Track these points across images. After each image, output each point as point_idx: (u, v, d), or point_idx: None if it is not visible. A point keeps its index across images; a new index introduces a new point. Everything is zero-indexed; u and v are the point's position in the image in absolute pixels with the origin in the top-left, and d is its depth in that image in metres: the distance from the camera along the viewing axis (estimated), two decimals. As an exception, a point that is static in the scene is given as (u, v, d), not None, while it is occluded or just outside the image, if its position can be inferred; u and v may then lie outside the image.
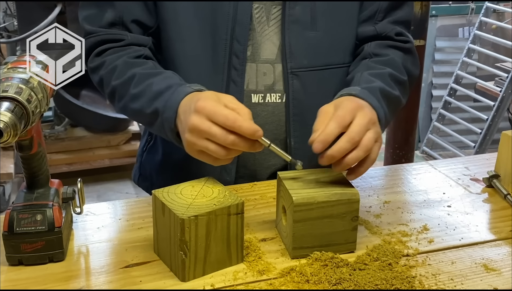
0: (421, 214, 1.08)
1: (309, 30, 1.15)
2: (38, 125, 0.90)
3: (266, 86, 1.17)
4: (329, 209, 0.91)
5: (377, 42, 1.21)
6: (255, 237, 0.98)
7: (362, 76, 1.11)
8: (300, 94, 1.17)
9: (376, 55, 1.19)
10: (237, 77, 1.14)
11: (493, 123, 3.94)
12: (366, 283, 0.84)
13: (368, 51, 1.20)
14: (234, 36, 1.13)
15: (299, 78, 1.16)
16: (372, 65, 1.16)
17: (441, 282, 0.88)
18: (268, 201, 1.11)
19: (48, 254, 0.90)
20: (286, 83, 1.16)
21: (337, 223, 0.92)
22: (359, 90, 1.03)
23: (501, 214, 1.10)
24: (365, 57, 1.20)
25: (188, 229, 0.83)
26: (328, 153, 0.90)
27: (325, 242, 0.92)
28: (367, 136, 0.92)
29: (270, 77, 1.17)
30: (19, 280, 0.86)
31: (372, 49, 1.20)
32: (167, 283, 0.86)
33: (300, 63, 1.16)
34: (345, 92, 1.03)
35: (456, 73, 4.26)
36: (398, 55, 1.20)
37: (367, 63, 1.17)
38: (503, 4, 4.26)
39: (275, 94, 1.18)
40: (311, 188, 0.92)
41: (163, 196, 0.89)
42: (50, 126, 3.81)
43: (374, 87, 1.07)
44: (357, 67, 1.18)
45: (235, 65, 1.14)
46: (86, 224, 1.02)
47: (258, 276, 0.88)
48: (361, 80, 1.10)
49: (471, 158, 1.47)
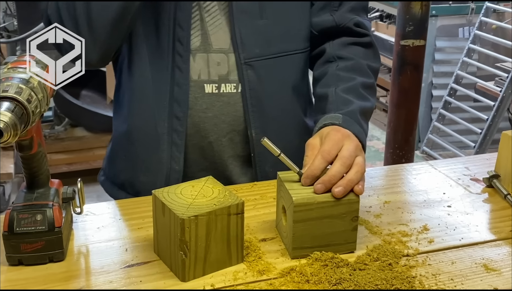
0: (421, 214, 1.08)
1: (258, 19, 1.15)
2: (38, 125, 0.90)
3: (221, 76, 1.16)
4: (329, 209, 0.91)
5: (337, 40, 1.22)
6: (255, 237, 0.98)
7: (337, 95, 1.13)
8: (256, 84, 1.16)
9: (340, 58, 1.20)
10: (182, 64, 1.14)
11: (493, 123, 3.94)
12: (366, 283, 0.84)
13: (331, 53, 1.21)
14: (177, 22, 1.12)
15: (253, 68, 1.16)
16: (340, 75, 1.17)
17: (441, 282, 0.88)
18: (268, 201, 1.11)
19: (48, 254, 0.89)
20: (241, 74, 1.16)
21: (337, 223, 0.92)
22: (341, 118, 1.05)
23: (501, 214, 1.10)
24: (329, 60, 1.21)
25: (188, 229, 0.83)
26: (324, 178, 0.92)
27: (325, 242, 0.92)
28: (358, 159, 0.96)
29: (224, 67, 1.16)
30: (19, 280, 0.86)
31: (335, 51, 1.21)
32: (167, 283, 0.86)
33: (253, 53, 1.15)
34: (328, 122, 1.05)
35: (456, 73, 4.26)
36: (360, 54, 1.21)
37: (335, 73, 1.18)
38: (503, 4, 4.26)
39: (230, 84, 1.17)
40: (311, 188, 0.92)
41: (163, 196, 0.89)
42: (50, 126, 3.81)
43: (354, 111, 1.09)
44: (326, 76, 1.18)
45: (179, 51, 1.13)
46: (86, 224, 1.02)
47: (258, 276, 0.88)
48: (338, 101, 1.11)
49: (471, 158, 1.47)
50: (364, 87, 1.16)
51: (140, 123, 1.19)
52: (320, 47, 1.23)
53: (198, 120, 1.17)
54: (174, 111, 1.15)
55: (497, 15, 4.32)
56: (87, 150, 3.72)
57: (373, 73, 1.21)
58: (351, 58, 1.20)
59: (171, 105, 1.15)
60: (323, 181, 0.92)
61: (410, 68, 2.87)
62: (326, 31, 1.22)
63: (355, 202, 0.92)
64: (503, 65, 3.98)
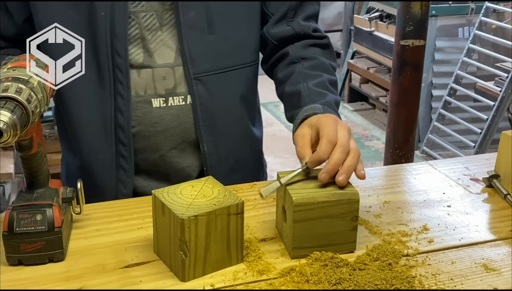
0: (421, 214, 1.08)
1: (207, 34, 1.14)
2: (38, 125, 0.90)
3: (167, 90, 1.16)
4: (329, 209, 0.91)
5: (298, 43, 1.24)
6: (255, 237, 0.98)
7: (309, 89, 1.14)
8: (207, 98, 1.16)
9: (304, 59, 1.22)
10: (122, 91, 1.13)
11: (493, 123, 3.94)
12: (366, 283, 0.84)
13: (294, 54, 1.23)
14: (114, 50, 1.11)
15: (203, 83, 1.15)
16: (307, 73, 1.19)
17: (441, 282, 0.88)
18: (268, 201, 1.11)
19: (48, 254, 0.89)
20: (190, 88, 1.15)
21: (337, 223, 0.92)
22: (321, 108, 1.07)
23: (501, 214, 1.10)
24: (293, 61, 1.22)
25: (188, 229, 0.83)
26: (328, 167, 0.93)
27: (325, 242, 0.92)
28: (353, 144, 0.97)
29: (171, 81, 1.16)
30: (19, 280, 0.86)
31: (298, 52, 1.23)
32: (167, 283, 0.86)
33: (202, 68, 1.15)
34: (310, 113, 1.06)
35: (456, 73, 4.26)
36: (320, 54, 1.24)
37: (302, 71, 1.19)
38: (503, 4, 4.26)
39: (177, 97, 1.16)
40: (311, 188, 0.92)
41: (163, 196, 0.89)
42: (50, 126, 3.81)
43: (330, 101, 1.12)
44: (294, 75, 1.20)
45: (119, 79, 1.12)
46: (86, 224, 1.02)
47: (258, 276, 0.88)
48: (312, 94, 1.13)
49: (471, 158, 1.47)
50: (331, 83, 1.19)
51: (87, 153, 1.18)
52: (281, 50, 1.25)
53: (148, 134, 1.16)
54: (119, 137, 1.14)
55: (497, 15, 4.32)
56: (87, 150, 3.72)
57: (334, 71, 1.25)
58: (314, 58, 1.22)
59: (116, 131, 1.14)
60: (327, 170, 0.92)
61: (410, 68, 2.87)
62: (286, 39, 1.23)
63: (355, 202, 0.92)
64: (503, 65, 3.98)
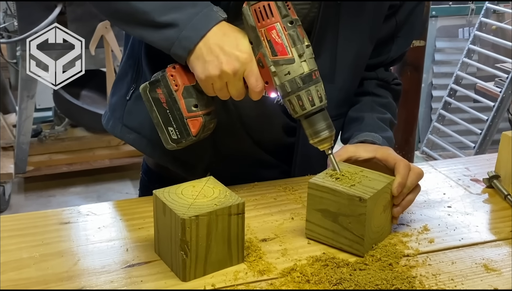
0: (421, 214, 1.08)
1: (327, 83, 1.11)
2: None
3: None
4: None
5: (377, 82, 1.28)
6: (255, 237, 0.98)
7: (373, 120, 1.19)
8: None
9: (375, 95, 1.26)
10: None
11: (493, 124, 3.94)
12: (367, 283, 0.85)
13: (368, 89, 1.26)
14: None
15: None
16: (375, 106, 1.24)
17: (441, 282, 0.88)
18: (268, 201, 1.11)
19: None
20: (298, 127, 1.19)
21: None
22: (381, 140, 1.12)
23: (501, 214, 1.10)
24: (365, 93, 1.26)
25: (189, 229, 0.83)
26: (404, 204, 1.00)
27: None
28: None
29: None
30: (19, 280, 0.86)
31: (373, 89, 1.27)
32: (168, 283, 0.86)
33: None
34: (369, 139, 1.11)
35: (456, 73, 4.26)
36: (391, 97, 1.29)
37: (370, 103, 1.23)
38: (503, 4, 4.26)
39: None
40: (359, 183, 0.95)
41: (164, 196, 0.89)
42: (50, 126, 3.81)
43: (390, 137, 1.17)
44: (361, 104, 1.24)
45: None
46: (87, 224, 1.02)
47: (259, 276, 0.88)
48: (375, 125, 1.18)
49: (471, 159, 1.48)
50: (391, 125, 1.23)
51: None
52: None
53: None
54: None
55: (497, 16, 4.32)
56: (87, 150, 3.72)
57: (396, 118, 1.28)
58: (386, 97, 1.27)
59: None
60: (403, 206, 1.00)
61: (410, 69, 2.87)
62: (366, 78, 1.28)
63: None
64: (503, 66, 3.98)
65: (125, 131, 1.21)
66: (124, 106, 1.21)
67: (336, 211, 0.93)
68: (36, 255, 0.92)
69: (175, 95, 1.00)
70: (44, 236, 0.97)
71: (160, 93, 1.00)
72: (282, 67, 0.94)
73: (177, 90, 1.00)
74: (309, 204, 0.97)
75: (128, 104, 1.20)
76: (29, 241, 0.96)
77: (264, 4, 0.93)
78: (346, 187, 0.93)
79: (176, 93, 1.00)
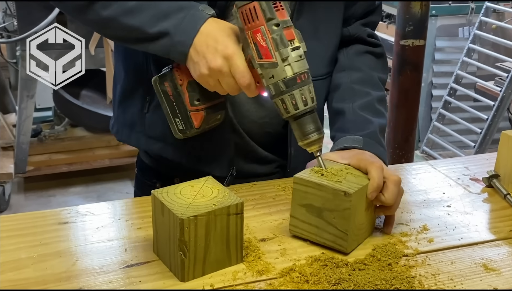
0: (420, 214, 1.08)
1: (312, 40, 1.13)
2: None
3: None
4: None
5: (351, 50, 1.25)
6: (254, 237, 0.98)
7: (354, 113, 1.15)
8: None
9: (352, 69, 1.22)
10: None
11: (493, 123, 3.94)
12: (366, 283, 0.84)
13: (344, 63, 1.24)
14: None
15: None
16: (356, 89, 1.19)
17: (440, 282, 0.88)
18: (267, 200, 1.11)
19: None
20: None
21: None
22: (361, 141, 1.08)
23: (500, 214, 1.10)
24: (344, 69, 1.23)
25: (188, 229, 0.83)
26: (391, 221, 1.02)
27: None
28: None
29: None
30: (19, 280, 0.86)
31: (348, 61, 1.24)
32: (167, 283, 0.86)
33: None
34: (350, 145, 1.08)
35: (456, 73, 4.26)
36: (372, 65, 1.25)
37: (350, 87, 1.20)
38: (503, 4, 4.26)
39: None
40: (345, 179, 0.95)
41: (162, 196, 0.89)
42: (50, 126, 3.81)
43: (374, 131, 1.12)
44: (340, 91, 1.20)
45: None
46: (86, 224, 1.02)
47: (258, 276, 0.88)
48: (357, 121, 1.14)
49: (471, 158, 1.48)
50: (379, 101, 1.20)
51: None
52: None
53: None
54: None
55: (497, 15, 4.32)
56: (87, 150, 3.72)
57: (382, 85, 1.25)
58: (363, 70, 1.23)
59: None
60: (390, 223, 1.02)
61: (410, 68, 2.87)
62: (340, 40, 1.24)
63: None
64: (503, 65, 3.98)
65: (151, 142, 1.22)
66: (143, 119, 1.21)
67: (320, 206, 0.94)
68: (35, 255, 0.92)
69: (180, 89, 1.04)
70: (43, 236, 0.97)
71: (167, 87, 1.05)
72: (267, 70, 0.95)
73: (181, 85, 1.04)
74: (294, 199, 0.97)
75: (147, 117, 1.21)
76: (27, 241, 0.96)
77: (250, 7, 0.94)
78: (331, 182, 0.93)
79: (181, 88, 1.04)
